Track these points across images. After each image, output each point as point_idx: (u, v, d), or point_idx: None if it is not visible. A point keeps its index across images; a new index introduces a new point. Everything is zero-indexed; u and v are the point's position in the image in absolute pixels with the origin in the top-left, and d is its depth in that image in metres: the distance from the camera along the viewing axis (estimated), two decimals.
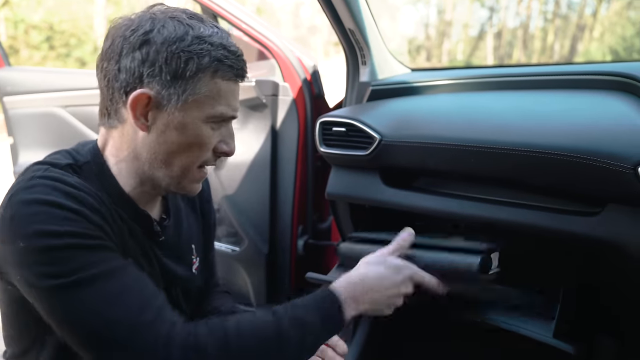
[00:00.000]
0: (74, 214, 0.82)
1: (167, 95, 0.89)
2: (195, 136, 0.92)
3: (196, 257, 1.14)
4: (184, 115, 0.90)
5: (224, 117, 0.94)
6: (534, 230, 1.19)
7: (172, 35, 0.87)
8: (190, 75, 0.88)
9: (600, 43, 15.57)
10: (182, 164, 0.94)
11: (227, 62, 0.90)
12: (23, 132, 2.34)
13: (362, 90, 1.69)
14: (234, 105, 0.95)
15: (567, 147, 1.10)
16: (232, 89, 0.93)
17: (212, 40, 0.89)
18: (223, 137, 0.96)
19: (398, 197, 1.40)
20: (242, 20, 1.88)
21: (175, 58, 0.87)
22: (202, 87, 0.89)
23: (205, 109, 0.91)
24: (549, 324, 1.17)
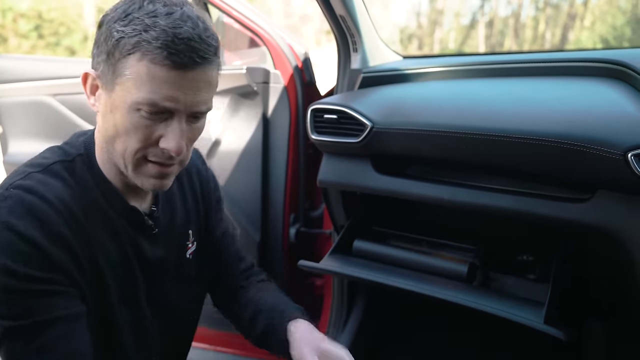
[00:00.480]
0: (33, 248, 0.81)
1: (104, 75, 0.85)
2: (124, 121, 0.85)
3: (193, 241, 1.13)
4: (115, 97, 0.85)
5: (155, 106, 0.83)
6: (525, 216, 1.20)
7: (117, 15, 0.83)
8: (119, 56, 0.82)
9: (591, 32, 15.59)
10: (120, 151, 0.88)
11: (157, 44, 0.80)
12: (12, 121, 2.32)
13: (353, 77, 1.68)
14: (170, 95, 0.83)
15: (558, 134, 1.11)
16: (167, 77, 0.82)
17: (153, 21, 0.81)
18: (165, 132, 0.86)
19: (390, 185, 1.40)
20: (234, 7, 1.87)
21: (110, 37, 0.83)
22: (127, 68, 0.82)
23: (131, 93, 0.83)
24: (539, 310, 1.18)
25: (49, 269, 0.83)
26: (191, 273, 1.13)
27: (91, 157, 0.94)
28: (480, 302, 1.24)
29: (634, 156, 1.01)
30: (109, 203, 0.94)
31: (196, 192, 1.16)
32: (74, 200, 0.88)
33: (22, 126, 2.30)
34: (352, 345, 1.68)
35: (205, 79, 0.86)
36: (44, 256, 0.82)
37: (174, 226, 1.08)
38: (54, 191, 0.86)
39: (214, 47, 0.85)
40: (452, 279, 1.35)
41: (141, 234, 0.99)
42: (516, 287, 1.38)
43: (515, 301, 1.25)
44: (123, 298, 0.97)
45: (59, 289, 0.84)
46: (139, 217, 0.98)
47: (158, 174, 0.90)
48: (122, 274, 0.96)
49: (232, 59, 2.24)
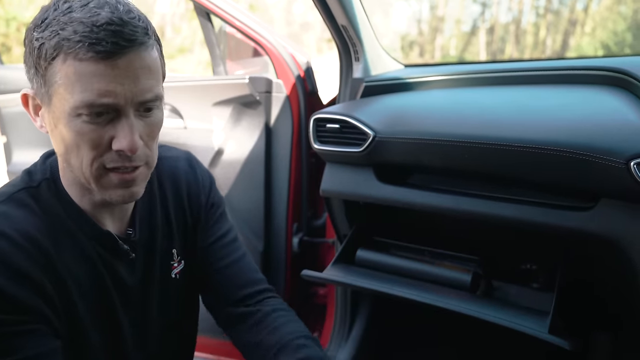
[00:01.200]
0: None
1: (39, 90, 0.79)
2: (69, 133, 0.78)
3: (179, 260, 1.03)
4: (53, 111, 0.78)
5: (93, 106, 0.75)
6: (528, 225, 1.20)
7: (34, 24, 0.77)
8: (44, 64, 0.75)
9: (592, 38, 15.62)
10: (76, 164, 0.81)
11: (76, 38, 0.72)
12: (16, 131, 2.33)
13: (355, 86, 1.69)
14: (104, 89, 0.75)
15: (560, 142, 1.11)
16: (96, 70, 0.74)
17: (68, 17, 0.73)
18: (115, 132, 0.78)
19: (393, 194, 1.40)
20: (235, 17, 1.88)
21: (32, 48, 0.76)
22: (55, 74, 0.75)
23: (66, 100, 0.75)
24: (544, 320, 1.17)
25: (15, 311, 0.78)
26: (180, 293, 1.04)
27: (56, 180, 0.88)
28: (484, 312, 1.24)
29: (636, 165, 1.01)
30: (79, 228, 0.87)
31: (182, 203, 1.05)
32: (40, 231, 0.82)
33: (25, 136, 2.31)
34: (356, 354, 1.68)
35: (141, 63, 0.77)
36: (9, 299, 0.77)
37: (154, 247, 0.99)
38: (16, 225, 0.80)
39: (141, 28, 0.77)
40: (456, 288, 1.35)
41: (117, 259, 0.92)
42: (520, 296, 1.38)
43: (519, 310, 1.25)
44: (101, 328, 0.91)
45: (26, 329, 0.79)
46: (113, 242, 0.91)
47: (123, 182, 0.82)
48: (98, 303, 0.90)
49: (235, 69, 2.25)
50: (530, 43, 17.86)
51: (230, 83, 1.89)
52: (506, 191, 1.27)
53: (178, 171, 1.06)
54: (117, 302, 0.93)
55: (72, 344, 0.87)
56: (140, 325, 0.98)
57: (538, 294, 1.36)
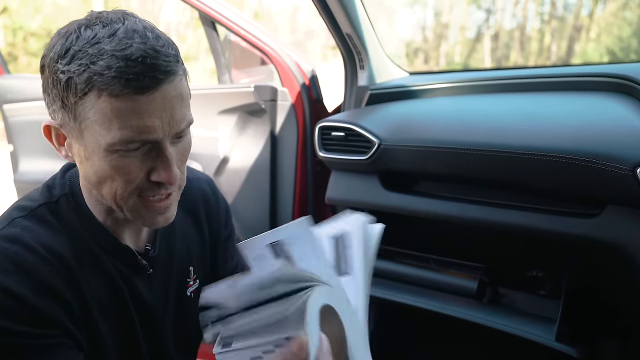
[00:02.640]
0: (20, 304, 0.75)
1: (66, 123, 0.76)
2: (104, 167, 0.76)
3: (194, 279, 1.04)
4: (85, 145, 0.76)
5: (132, 142, 0.74)
6: (534, 232, 1.20)
7: (55, 54, 0.73)
8: (75, 99, 0.72)
9: (597, 44, 15.60)
10: (110, 195, 0.79)
11: (111, 74, 0.69)
12: (23, 140, 2.34)
13: (360, 94, 1.69)
14: (143, 125, 0.73)
15: (566, 150, 1.11)
16: (132, 106, 0.72)
17: (97, 49, 0.70)
18: (154, 164, 0.77)
19: (398, 201, 1.40)
20: (240, 25, 1.89)
21: (58, 81, 0.73)
22: (88, 111, 0.72)
23: (102, 136, 0.73)
24: (550, 327, 1.17)
25: (39, 324, 0.77)
26: (193, 312, 1.04)
27: (76, 196, 0.87)
28: (490, 319, 1.24)
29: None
30: (98, 244, 0.87)
31: (202, 224, 1.05)
32: (62, 246, 0.82)
33: (32, 145, 2.32)
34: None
35: (175, 94, 0.75)
36: (34, 312, 0.77)
37: (172, 264, 0.99)
38: (39, 239, 0.80)
39: (173, 56, 0.75)
40: (462, 296, 1.34)
41: (135, 274, 0.92)
42: (526, 303, 1.37)
43: (525, 318, 1.25)
44: (119, 342, 0.91)
45: (52, 343, 0.79)
46: (132, 258, 0.90)
47: (159, 209, 0.82)
48: (117, 317, 0.90)
49: (240, 77, 2.26)
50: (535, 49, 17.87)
51: (235, 91, 1.90)
52: (512, 198, 1.26)
53: (199, 192, 1.06)
54: (135, 317, 0.93)
55: (92, 356, 0.87)
56: (156, 339, 0.98)
57: (544, 301, 1.36)
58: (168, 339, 1.01)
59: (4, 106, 2.32)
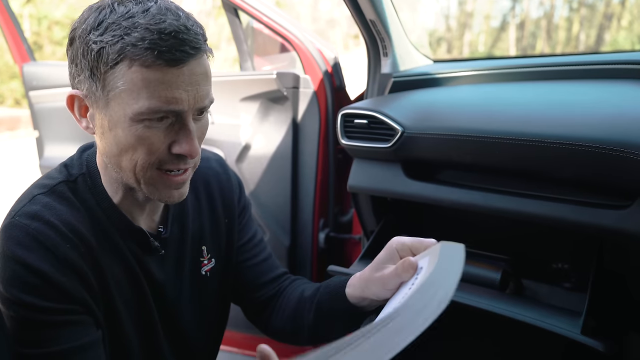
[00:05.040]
0: (42, 280, 0.79)
1: (93, 93, 0.79)
2: (128, 137, 0.79)
3: (209, 258, 1.06)
4: (110, 114, 0.79)
5: (159, 112, 0.78)
6: (560, 223, 1.17)
7: (88, 26, 0.76)
8: (105, 68, 0.76)
9: (629, 32, 15.23)
10: (129, 167, 0.82)
11: (145, 45, 0.73)
12: (48, 126, 2.38)
13: (383, 82, 1.67)
14: (170, 97, 0.77)
15: (595, 139, 1.08)
16: (162, 77, 0.76)
17: (131, 22, 0.74)
18: (176, 136, 0.81)
19: (421, 190, 1.38)
20: (263, 13, 1.88)
21: (89, 51, 0.76)
22: (118, 79, 0.76)
23: (129, 105, 0.77)
24: (576, 320, 1.14)
25: (60, 299, 0.81)
26: (210, 290, 1.07)
27: (93, 175, 0.90)
28: (513, 311, 1.22)
29: None
30: (112, 224, 0.90)
31: (215, 204, 1.08)
32: (80, 223, 0.85)
33: (57, 131, 2.36)
34: None
35: (201, 70, 0.80)
36: (55, 287, 0.80)
37: (185, 244, 1.02)
38: (60, 215, 0.84)
39: (202, 35, 0.80)
40: (485, 287, 1.32)
41: (148, 254, 0.95)
42: (551, 295, 1.35)
43: (550, 310, 1.22)
44: (135, 321, 0.94)
45: (73, 319, 0.82)
46: (145, 239, 0.93)
47: (174, 184, 0.85)
48: (133, 297, 0.93)
49: (262, 64, 2.25)
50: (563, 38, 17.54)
51: (257, 78, 1.90)
52: (538, 189, 1.24)
53: (210, 172, 1.09)
54: (150, 296, 0.96)
55: (110, 335, 0.90)
56: (171, 319, 1.01)
57: (570, 294, 1.33)
58: (186, 319, 1.03)
59: (30, 93, 2.35)
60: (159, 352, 0.99)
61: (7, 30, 2.37)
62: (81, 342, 0.82)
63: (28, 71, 2.35)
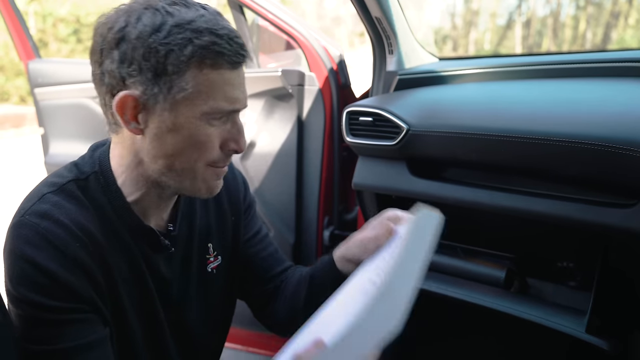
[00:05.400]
0: (51, 280, 0.79)
1: (153, 95, 0.79)
2: (192, 136, 0.82)
3: (215, 255, 1.07)
4: (176, 115, 0.81)
5: (224, 112, 0.82)
6: (565, 222, 1.17)
7: (147, 28, 0.77)
8: (174, 70, 0.78)
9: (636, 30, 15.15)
10: (183, 166, 0.85)
11: (215, 49, 0.78)
12: (53, 123, 2.38)
13: (389, 79, 1.67)
14: (232, 97, 0.82)
15: (600, 137, 1.07)
16: (227, 78, 0.81)
17: (195, 26, 0.77)
18: (230, 134, 0.86)
19: (426, 188, 1.38)
20: (268, 10, 1.87)
21: (154, 52, 0.77)
22: (188, 81, 0.78)
23: (197, 106, 0.80)
24: (581, 319, 1.14)
25: (68, 299, 0.81)
26: (216, 288, 1.08)
27: (106, 174, 0.90)
28: (518, 309, 1.22)
29: None
30: (123, 223, 0.90)
31: (221, 201, 1.09)
32: (90, 222, 0.85)
33: (62, 128, 2.36)
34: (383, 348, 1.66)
35: (244, 73, 0.86)
36: (63, 287, 0.80)
37: (192, 241, 1.03)
38: (69, 214, 0.84)
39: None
40: (490, 285, 1.32)
41: (157, 252, 0.95)
42: (555, 294, 1.34)
43: (554, 308, 1.22)
44: (141, 319, 0.95)
45: (80, 317, 0.83)
46: (154, 237, 0.94)
47: (218, 177, 0.90)
48: (139, 295, 0.93)
49: (267, 62, 2.25)
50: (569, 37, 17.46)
51: (262, 76, 1.90)
52: (544, 187, 1.23)
53: None
54: (155, 294, 0.96)
55: (117, 332, 0.91)
56: (177, 316, 1.01)
57: (574, 293, 1.33)
58: (192, 317, 1.04)
59: (35, 90, 2.36)
60: (164, 350, 0.99)
61: (12, 27, 2.38)
62: (88, 340, 0.83)
63: (33, 68, 2.36)
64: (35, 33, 11.50)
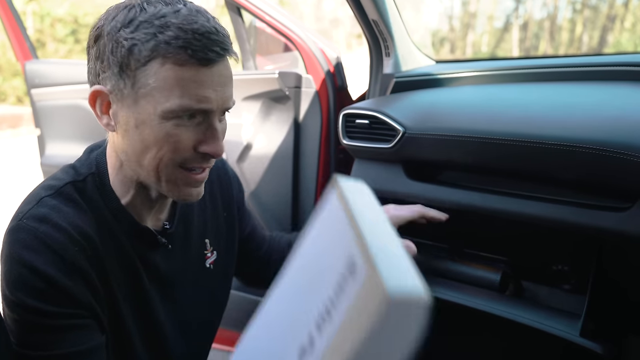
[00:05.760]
0: (49, 285, 0.79)
1: (119, 90, 0.79)
2: (155, 134, 0.80)
3: (212, 250, 1.08)
4: (139, 111, 0.79)
5: (190, 110, 0.79)
6: (560, 225, 1.17)
7: (118, 24, 0.77)
8: (136, 65, 0.76)
9: (632, 34, 15.20)
10: (152, 165, 0.83)
11: (178, 43, 0.75)
12: (50, 124, 2.38)
13: (385, 82, 1.67)
14: (201, 95, 0.78)
15: (596, 141, 1.07)
16: (194, 76, 0.77)
17: (164, 21, 0.76)
18: (204, 136, 0.82)
19: (422, 191, 1.38)
20: (266, 12, 1.88)
21: (120, 47, 0.76)
22: (150, 76, 0.76)
23: (159, 103, 0.78)
24: (575, 322, 1.14)
25: (66, 304, 0.81)
26: (213, 283, 1.09)
27: (102, 175, 0.90)
28: (512, 312, 1.22)
29: None
30: (119, 224, 0.90)
31: (216, 198, 1.10)
32: (87, 225, 0.85)
33: (59, 129, 2.36)
34: None
35: (228, 72, 0.82)
36: (61, 292, 0.80)
37: (189, 237, 1.03)
38: (67, 218, 0.83)
39: (229, 38, 0.82)
40: (484, 288, 1.32)
41: (154, 251, 0.95)
42: (550, 297, 1.34)
43: (549, 312, 1.22)
44: (140, 322, 0.94)
45: (78, 323, 0.82)
46: (151, 237, 0.94)
47: (194, 182, 0.87)
48: (137, 297, 0.93)
49: (264, 64, 2.25)
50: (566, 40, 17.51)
51: (259, 78, 1.90)
52: (539, 190, 1.24)
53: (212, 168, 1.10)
54: (155, 296, 0.96)
55: (115, 337, 0.91)
56: (178, 316, 1.02)
57: (569, 296, 1.33)
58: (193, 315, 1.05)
59: (32, 90, 2.36)
60: (165, 352, 1.00)
61: (9, 27, 2.38)
62: (86, 347, 0.82)
63: (30, 69, 2.35)
64: (33, 33, 11.48)
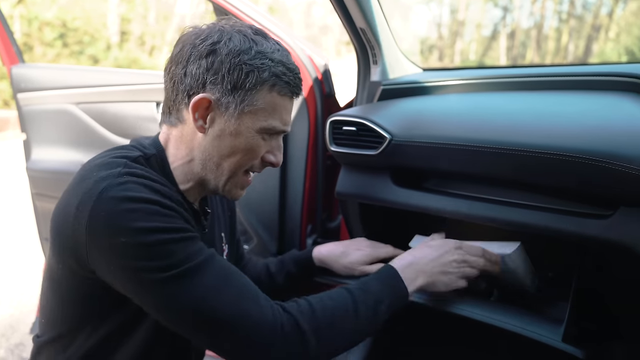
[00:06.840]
0: (167, 209, 0.91)
1: (226, 102, 0.97)
2: (247, 144, 1.00)
3: (225, 244, 1.27)
4: (240, 123, 0.98)
5: (276, 130, 1.02)
6: (544, 232, 1.18)
7: (237, 48, 0.95)
8: (250, 87, 0.96)
9: (616, 43, 15.41)
10: (230, 167, 1.02)
11: (285, 79, 0.98)
12: (36, 129, 2.36)
13: (373, 89, 1.68)
14: (286, 120, 1.03)
15: (580, 149, 1.09)
16: (286, 105, 1.01)
17: (273, 57, 0.97)
18: (272, 149, 1.05)
19: (408, 198, 1.39)
20: (254, 19, 1.88)
21: (238, 69, 0.94)
22: (259, 99, 0.97)
23: (259, 120, 0.99)
24: (557, 328, 1.15)
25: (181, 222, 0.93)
26: None
27: (164, 159, 1.05)
28: (497, 318, 1.23)
29: None
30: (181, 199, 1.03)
31: (222, 198, 1.30)
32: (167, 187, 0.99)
33: (45, 134, 2.34)
34: (367, 357, 1.67)
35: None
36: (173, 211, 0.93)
37: (214, 228, 1.21)
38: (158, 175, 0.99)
39: None
40: (469, 294, 1.33)
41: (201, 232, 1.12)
42: (534, 303, 1.36)
43: (532, 318, 1.23)
44: None
45: (192, 235, 0.94)
46: (199, 217, 1.12)
47: (247, 184, 1.10)
48: None
49: None
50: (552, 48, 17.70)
51: None
52: (524, 197, 1.25)
53: None
54: None
55: None
56: None
57: (552, 302, 1.34)
58: None
59: (18, 95, 2.34)
60: None
61: None
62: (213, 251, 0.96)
63: (16, 73, 2.34)
64: (20, 37, 11.40)
